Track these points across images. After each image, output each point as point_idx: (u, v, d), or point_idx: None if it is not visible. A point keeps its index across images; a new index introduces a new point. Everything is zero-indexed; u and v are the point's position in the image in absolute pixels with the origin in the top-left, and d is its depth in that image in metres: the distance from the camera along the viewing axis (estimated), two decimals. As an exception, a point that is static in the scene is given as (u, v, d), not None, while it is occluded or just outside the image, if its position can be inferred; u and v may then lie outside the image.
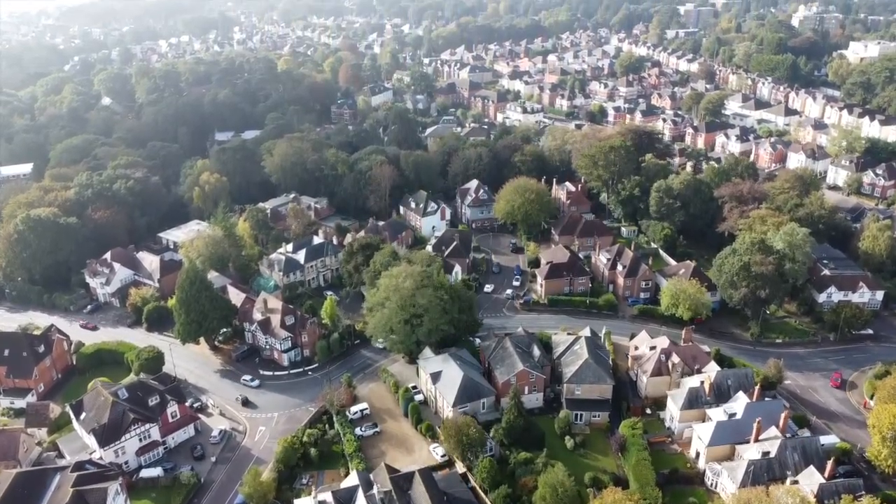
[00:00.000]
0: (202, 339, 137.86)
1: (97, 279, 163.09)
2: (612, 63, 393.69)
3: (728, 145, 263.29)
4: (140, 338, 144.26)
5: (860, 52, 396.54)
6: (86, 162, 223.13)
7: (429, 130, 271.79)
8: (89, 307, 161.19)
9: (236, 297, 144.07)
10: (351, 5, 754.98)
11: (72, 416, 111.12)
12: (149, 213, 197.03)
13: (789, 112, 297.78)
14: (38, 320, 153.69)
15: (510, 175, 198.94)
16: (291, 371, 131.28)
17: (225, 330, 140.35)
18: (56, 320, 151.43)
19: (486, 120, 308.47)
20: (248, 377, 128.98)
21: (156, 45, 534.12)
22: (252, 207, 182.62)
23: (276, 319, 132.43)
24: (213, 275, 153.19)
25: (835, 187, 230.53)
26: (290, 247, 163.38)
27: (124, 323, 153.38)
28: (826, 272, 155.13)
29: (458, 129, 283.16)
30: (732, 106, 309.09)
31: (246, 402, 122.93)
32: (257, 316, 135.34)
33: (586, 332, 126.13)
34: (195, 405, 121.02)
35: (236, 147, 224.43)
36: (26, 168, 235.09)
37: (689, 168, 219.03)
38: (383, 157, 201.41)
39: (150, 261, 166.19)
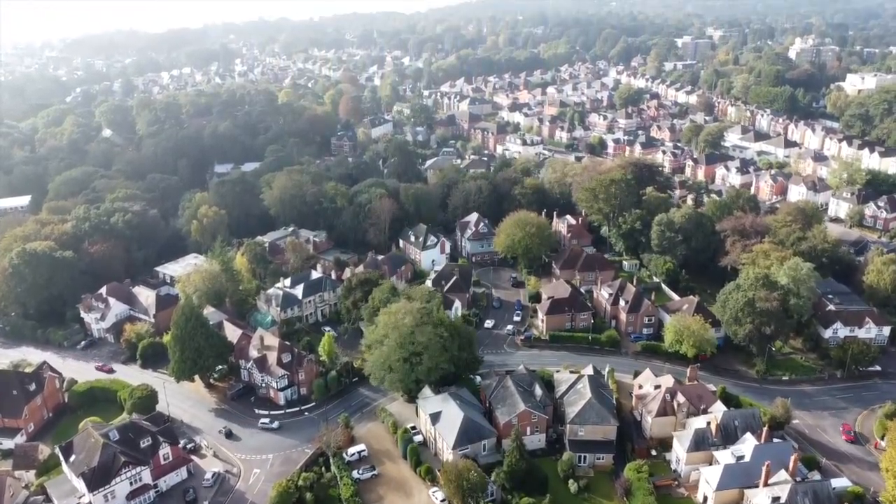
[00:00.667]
0: (197, 377, 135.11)
1: (92, 314, 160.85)
2: (611, 95, 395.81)
3: (728, 177, 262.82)
4: (134, 374, 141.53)
5: (857, 84, 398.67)
6: (84, 194, 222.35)
7: (428, 162, 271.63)
8: (83, 343, 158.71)
9: (232, 333, 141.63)
10: (352, 38, 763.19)
11: (61, 458, 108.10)
12: (146, 247, 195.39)
13: (789, 144, 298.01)
14: (32, 356, 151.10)
15: (510, 208, 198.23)
16: (288, 410, 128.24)
17: (220, 367, 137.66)
18: (49, 356, 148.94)
19: (486, 152, 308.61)
20: (266, 419, 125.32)
21: (158, 77, 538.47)
22: (250, 241, 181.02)
23: (272, 357, 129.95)
24: (209, 310, 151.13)
25: (836, 219, 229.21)
26: (287, 281, 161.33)
27: (118, 359, 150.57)
28: (831, 307, 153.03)
29: (458, 161, 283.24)
30: (732, 138, 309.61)
31: (230, 435, 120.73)
32: (253, 353, 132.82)
33: (589, 370, 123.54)
34: (188, 446, 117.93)
35: (235, 180, 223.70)
36: (24, 200, 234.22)
37: (689, 201, 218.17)
38: (383, 190, 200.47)
39: (146, 295, 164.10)
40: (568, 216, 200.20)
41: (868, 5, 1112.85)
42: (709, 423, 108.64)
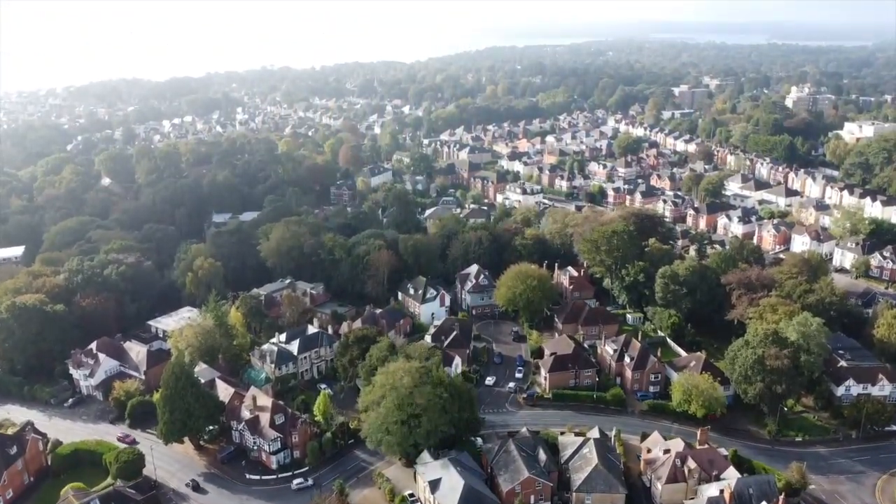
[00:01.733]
0: (187, 438, 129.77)
1: (81, 370, 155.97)
2: (610, 144, 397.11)
3: (730, 227, 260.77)
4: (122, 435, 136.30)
5: (855, 132, 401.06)
6: (79, 245, 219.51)
7: (428, 212, 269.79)
8: (71, 400, 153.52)
9: (224, 392, 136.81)
10: (352, 87, 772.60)
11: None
12: (140, 299, 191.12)
13: (790, 193, 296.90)
14: (16, 415, 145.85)
15: (511, 259, 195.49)
16: (280, 475, 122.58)
17: (211, 428, 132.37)
18: (35, 415, 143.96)
19: (486, 201, 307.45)
20: (299, 479, 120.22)
21: (159, 125, 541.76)
22: (245, 295, 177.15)
23: (265, 418, 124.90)
24: (201, 367, 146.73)
25: (842, 270, 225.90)
26: (283, 336, 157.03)
27: (106, 418, 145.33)
28: (843, 363, 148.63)
29: (458, 210, 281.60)
30: (732, 187, 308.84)
31: (196, 488, 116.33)
32: (245, 414, 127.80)
33: (595, 433, 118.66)
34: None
35: (233, 230, 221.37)
36: (18, 251, 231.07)
37: (692, 252, 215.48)
38: (381, 242, 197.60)
39: (137, 351, 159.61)
40: (570, 268, 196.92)
41: (860, 55, 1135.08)
42: (722, 492, 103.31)
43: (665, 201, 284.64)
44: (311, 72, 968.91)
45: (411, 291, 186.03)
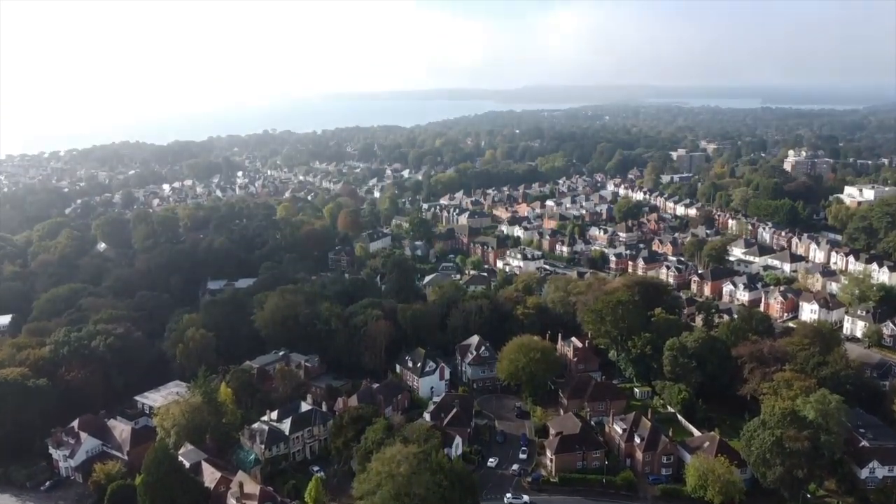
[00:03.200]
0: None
1: (61, 450, 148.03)
2: (610, 208, 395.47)
3: (736, 294, 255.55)
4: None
5: (855, 195, 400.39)
6: (68, 314, 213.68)
7: (427, 279, 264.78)
8: (48, 483, 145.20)
9: (210, 476, 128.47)
10: (353, 150, 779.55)
11: None
12: (127, 372, 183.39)
13: (795, 258, 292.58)
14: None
15: (512, 329, 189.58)
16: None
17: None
18: (7, 500, 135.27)
19: (486, 266, 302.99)
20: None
21: (159, 189, 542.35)
22: (237, 368, 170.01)
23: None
24: (187, 447, 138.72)
25: (853, 338, 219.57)
26: (274, 414, 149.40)
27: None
28: (865, 443, 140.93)
29: (458, 276, 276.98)
30: (736, 252, 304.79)
31: None
32: (232, 502, 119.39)
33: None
34: None
35: (227, 299, 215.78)
36: (4, 320, 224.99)
37: (699, 321, 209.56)
38: (379, 312, 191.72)
39: (120, 430, 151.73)
40: (573, 338, 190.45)
41: (852, 119, 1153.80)
42: None
43: (668, 267, 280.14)
44: (312, 136, 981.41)
45: (410, 364, 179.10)
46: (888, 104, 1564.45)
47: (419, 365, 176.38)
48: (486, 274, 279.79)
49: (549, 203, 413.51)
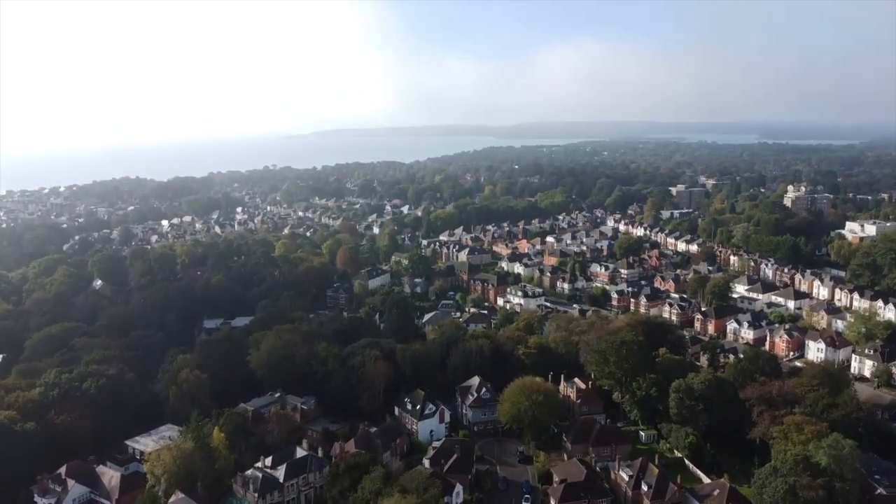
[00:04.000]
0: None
1: (47, 498, 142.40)
2: (610, 244, 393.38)
3: (741, 332, 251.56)
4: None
5: (857, 231, 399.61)
6: (61, 353, 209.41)
7: (427, 317, 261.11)
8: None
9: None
10: (352, 186, 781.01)
11: None
12: (119, 415, 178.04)
13: (799, 295, 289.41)
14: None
15: (514, 369, 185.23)
16: None
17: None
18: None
19: (487, 304, 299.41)
20: None
21: (158, 225, 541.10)
22: (231, 412, 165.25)
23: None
24: (178, 496, 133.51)
25: (861, 378, 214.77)
26: (268, 461, 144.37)
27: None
28: (881, 490, 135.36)
29: (458, 313, 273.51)
30: (739, 289, 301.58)
31: None
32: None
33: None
34: None
35: (222, 339, 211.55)
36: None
37: (704, 360, 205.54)
38: (378, 352, 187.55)
39: (110, 476, 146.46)
40: (576, 379, 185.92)
41: (850, 154, 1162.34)
42: None
43: (671, 305, 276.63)
44: (312, 172, 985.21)
45: (409, 406, 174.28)
46: (884, 140, 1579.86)
47: (418, 407, 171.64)
48: (486, 312, 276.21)
49: (550, 239, 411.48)
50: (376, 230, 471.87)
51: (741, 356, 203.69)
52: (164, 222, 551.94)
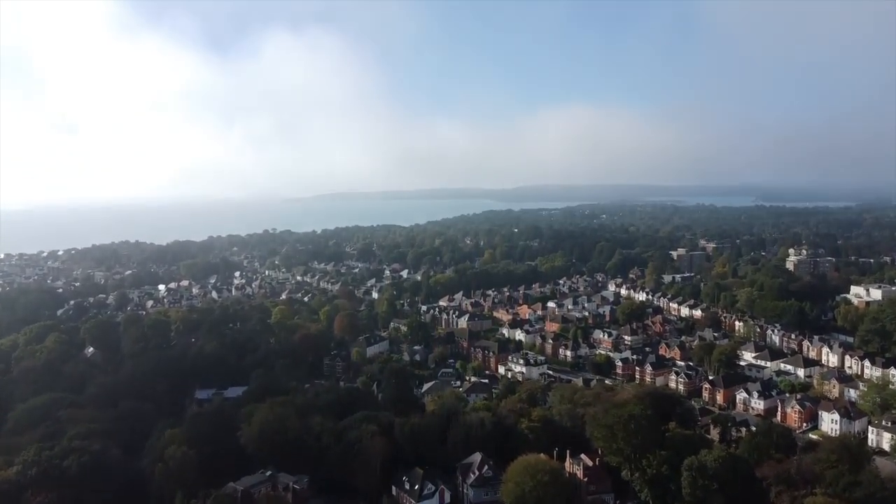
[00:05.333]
0: None
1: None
2: (612, 310, 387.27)
3: (751, 402, 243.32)
4: None
5: (863, 295, 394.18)
6: (45, 426, 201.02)
7: (426, 386, 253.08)
8: None
9: None
10: (352, 250, 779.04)
11: None
12: (102, 495, 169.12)
13: (808, 363, 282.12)
14: None
15: (517, 445, 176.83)
16: None
17: None
18: None
19: (488, 372, 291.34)
20: None
21: (154, 290, 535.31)
22: (218, 493, 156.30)
23: None
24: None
25: (880, 451, 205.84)
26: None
27: None
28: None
29: (458, 382, 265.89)
30: (746, 356, 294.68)
31: None
32: None
33: None
34: None
35: (213, 411, 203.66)
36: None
37: (715, 434, 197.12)
38: (375, 427, 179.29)
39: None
40: (583, 455, 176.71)
41: (847, 216, 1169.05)
42: None
43: (678, 373, 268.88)
44: (311, 235, 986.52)
45: (407, 486, 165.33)
46: (880, 201, 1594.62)
47: (417, 487, 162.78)
48: (487, 381, 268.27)
49: (551, 305, 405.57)
50: (375, 295, 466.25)
51: (754, 429, 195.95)
52: (161, 287, 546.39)
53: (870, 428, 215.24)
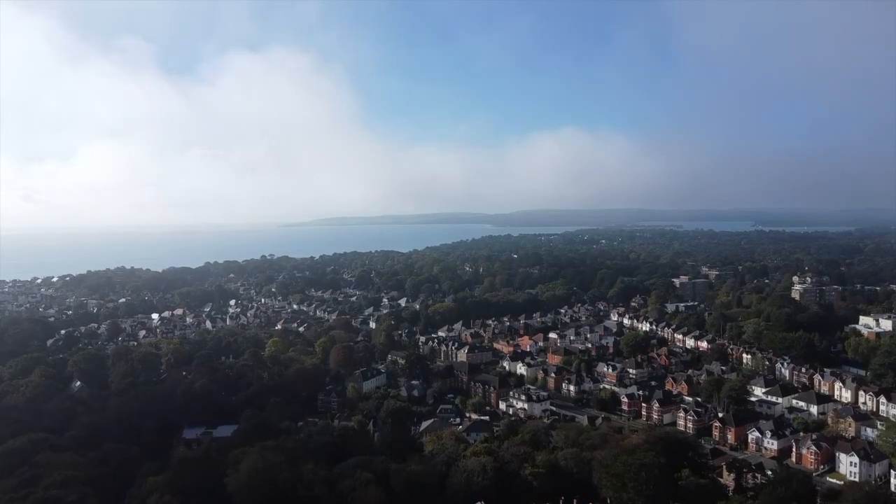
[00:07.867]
0: None
1: None
2: (616, 341, 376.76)
3: (763, 442, 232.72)
4: None
5: (872, 326, 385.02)
6: (20, 472, 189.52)
7: (424, 425, 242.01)
8: None
9: None
10: (349, 277, 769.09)
11: None
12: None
13: (821, 399, 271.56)
14: None
15: (521, 492, 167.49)
16: None
17: None
18: None
19: (488, 408, 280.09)
20: None
21: (147, 319, 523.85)
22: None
23: None
24: None
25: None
26: None
27: None
28: None
29: (457, 419, 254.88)
30: (757, 391, 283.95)
31: None
32: None
33: None
34: None
35: (200, 456, 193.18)
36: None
37: (729, 479, 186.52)
38: (370, 475, 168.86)
39: None
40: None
41: (847, 242, 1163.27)
42: None
43: (686, 410, 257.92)
44: (309, 261, 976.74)
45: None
46: (878, 227, 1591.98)
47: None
48: (487, 418, 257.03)
49: (553, 336, 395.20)
50: (373, 325, 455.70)
51: (770, 473, 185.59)
52: (155, 316, 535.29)
53: (892, 472, 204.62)
